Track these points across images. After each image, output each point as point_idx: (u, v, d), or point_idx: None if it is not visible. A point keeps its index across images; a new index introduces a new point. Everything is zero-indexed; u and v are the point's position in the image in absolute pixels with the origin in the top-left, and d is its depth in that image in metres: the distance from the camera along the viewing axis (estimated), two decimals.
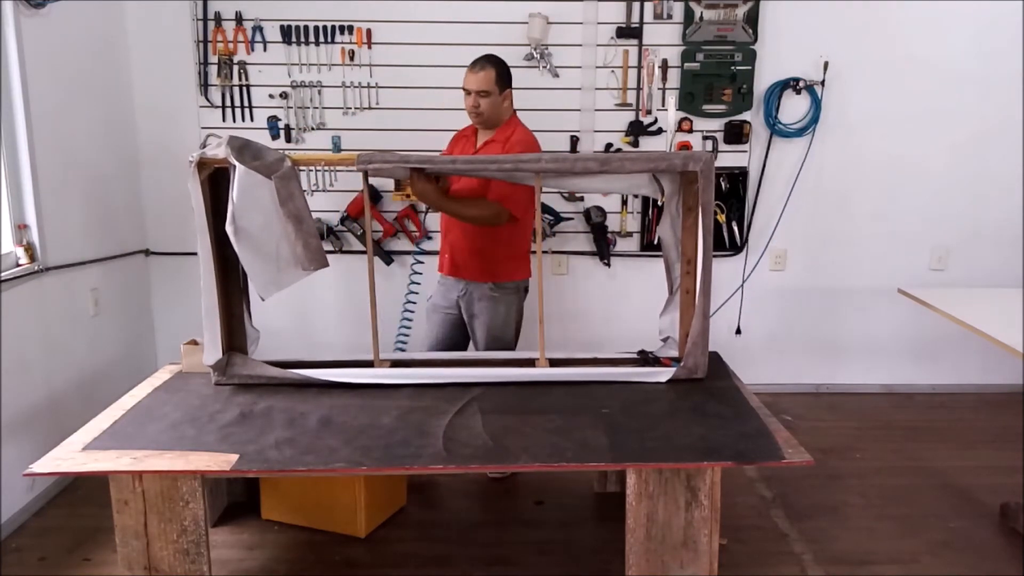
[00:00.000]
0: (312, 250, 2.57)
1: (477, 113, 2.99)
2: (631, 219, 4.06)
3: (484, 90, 2.94)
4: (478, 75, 2.93)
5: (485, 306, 3.09)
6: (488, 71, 2.94)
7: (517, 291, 3.15)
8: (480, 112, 2.98)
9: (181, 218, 3.60)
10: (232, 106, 3.88)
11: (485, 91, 2.94)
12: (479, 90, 2.94)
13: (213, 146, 2.50)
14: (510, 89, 3.04)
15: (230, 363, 2.68)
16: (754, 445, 2.24)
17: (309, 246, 2.56)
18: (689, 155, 2.57)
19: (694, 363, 2.69)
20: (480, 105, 2.96)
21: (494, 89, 2.95)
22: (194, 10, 3.78)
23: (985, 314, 2.85)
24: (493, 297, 3.08)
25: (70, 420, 2.61)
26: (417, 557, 2.72)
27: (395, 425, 2.36)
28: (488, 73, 2.93)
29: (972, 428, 3.83)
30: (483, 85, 2.93)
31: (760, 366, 4.10)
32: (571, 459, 2.17)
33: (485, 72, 2.93)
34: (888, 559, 2.71)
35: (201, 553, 2.21)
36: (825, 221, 4.11)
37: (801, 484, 3.19)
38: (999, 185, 4.05)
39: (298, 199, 2.54)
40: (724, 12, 3.81)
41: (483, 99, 2.95)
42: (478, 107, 2.96)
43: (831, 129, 3.98)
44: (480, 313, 3.10)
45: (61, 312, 3.22)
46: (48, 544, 2.80)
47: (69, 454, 2.20)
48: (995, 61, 3.92)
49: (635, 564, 2.24)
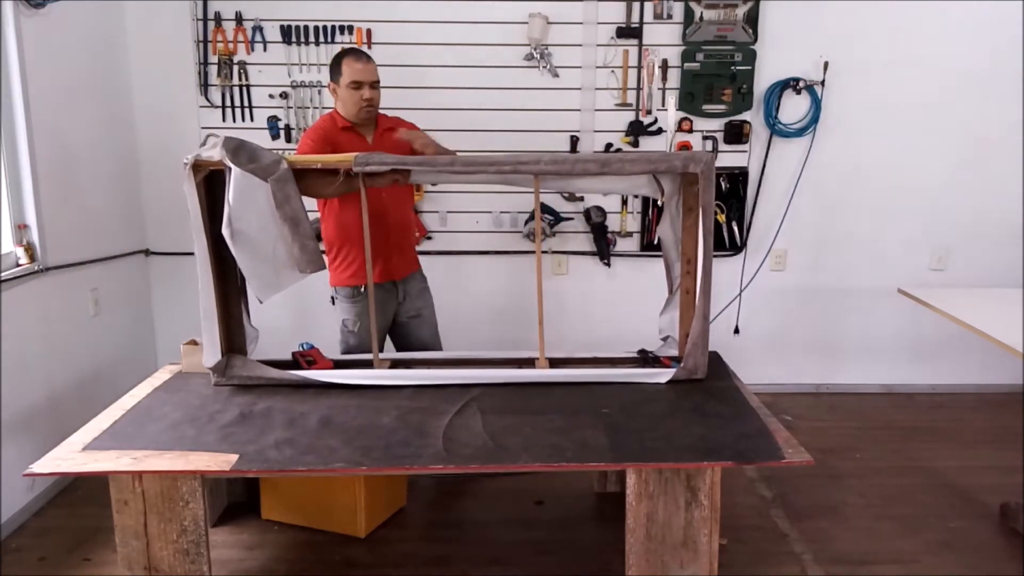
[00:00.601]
0: (309, 252, 2.56)
1: (372, 105, 2.88)
2: (631, 219, 4.06)
3: (377, 80, 2.87)
4: (370, 65, 2.85)
5: (426, 299, 3.11)
6: (373, 62, 2.85)
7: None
8: (374, 104, 2.89)
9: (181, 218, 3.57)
10: (232, 106, 3.88)
11: (377, 81, 2.87)
12: (374, 81, 2.86)
13: (208, 147, 2.49)
14: None
15: (229, 365, 2.68)
16: (754, 445, 2.24)
17: (306, 248, 2.56)
18: (689, 156, 2.57)
19: (694, 363, 2.69)
20: (374, 97, 2.87)
21: (378, 77, 2.89)
22: (194, 10, 3.78)
23: (985, 314, 2.85)
24: (424, 285, 3.11)
25: (70, 420, 2.61)
26: (417, 557, 2.72)
27: (395, 425, 2.36)
28: (375, 63, 2.86)
29: (972, 428, 3.83)
30: (377, 75, 2.86)
31: (760, 366, 4.10)
32: (571, 459, 2.17)
33: (373, 62, 2.85)
34: (888, 559, 2.71)
35: (201, 553, 2.21)
36: (825, 221, 4.11)
37: (801, 484, 3.19)
38: (999, 185, 4.05)
39: (294, 201, 2.54)
40: (724, 12, 3.82)
41: (375, 90, 2.87)
42: (372, 99, 2.86)
43: (831, 129, 3.98)
44: (425, 305, 3.09)
45: (61, 312, 3.22)
46: (48, 544, 2.80)
47: (69, 454, 2.20)
48: (995, 61, 3.92)
49: (635, 564, 2.24)
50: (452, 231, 4.04)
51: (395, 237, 3.02)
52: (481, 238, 4.05)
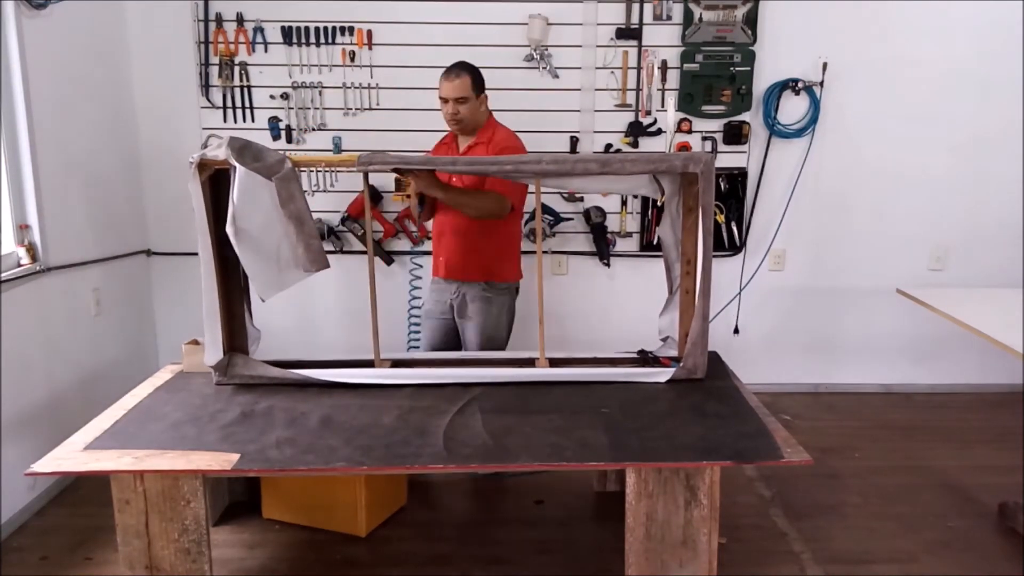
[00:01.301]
0: (313, 251, 2.57)
1: (457, 120, 3.00)
2: (631, 219, 4.07)
3: (462, 96, 2.96)
4: (455, 82, 2.95)
5: (478, 307, 3.10)
6: (464, 78, 2.95)
7: (510, 291, 3.17)
8: (460, 119, 2.99)
9: (182, 218, 3.61)
10: (233, 107, 3.89)
11: (463, 97, 2.96)
12: (458, 97, 2.96)
13: (213, 147, 2.50)
14: (485, 93, 3.05)
15: (231, 364, 2.69)
16: (753, 444, 2.25)
17: (310, 247, 2.56)
18: (689, 156, 2.58)
19: (693, 363, 2.69)
20: (459, 112, 2.98)
21: (471, 95, 2.97)
22: (195, 11, 3.79)
23: (984, 314, 2.86)
24: (486, 297, 3.09)
25: (71, 420, 2.62)
26: (417, 556, 2.73)
27: (395, 425, 2.37)
28: (464, 80, 2.95)
29: (971, 428, 3.84)
30: (461, 92, 2.95)
31: (759, 366, 4.11)
32: (571, 459, 2.17)
33: (461, 79, 2.95)
34: (887, 558, 2.71)
35: (202, 552, 2.21)
36: (824, 221, 4.12)
37: (800, 483, 3.20)
38: (998, 185, 4.06)
39: (299, 200, 2.55)
40: (723, 13, 3.82)
41: (462, 105, 2.97)
42: (457, 114, 2.98)
43: (830, 130, 3.99)
44: (474, 315, 3.11)
45: (62, 312, 3.23)
46: (49, 543, 2.81)
47: (70, 453, 2.21)
48: (994, 62, 3.93)
49: (634, 563, 2.25)
50: None
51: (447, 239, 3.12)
52: None
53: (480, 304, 3.10)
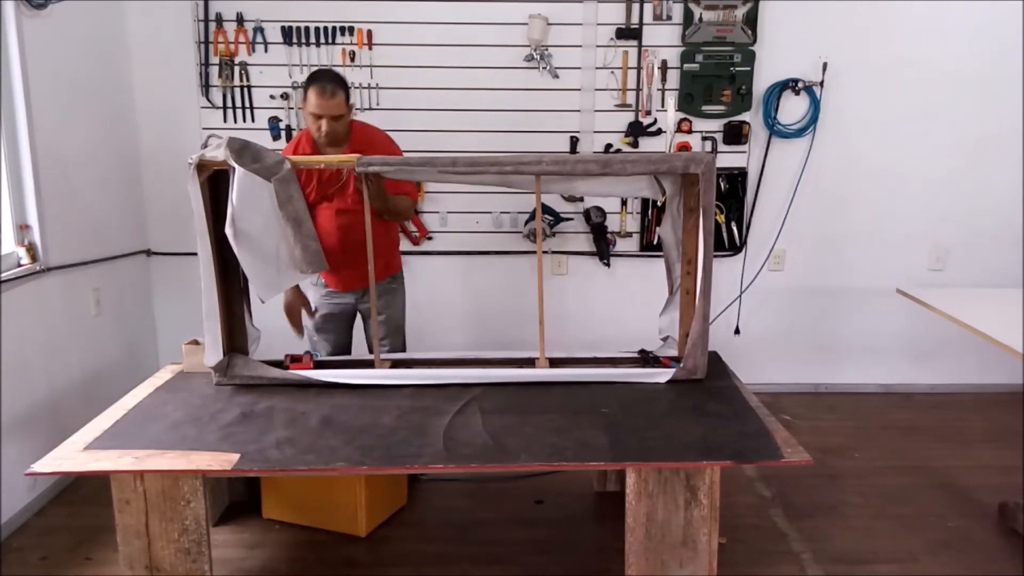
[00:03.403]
0: (311, 253, 2.57)
1: (332, 137, 2.80)
2: (631, 219, 4.07)
3: (338, 115, 2.76)
4: (331, 101, 2.72)
5: (387, 300, 3.16)
6: (339, 95, 2.75)
7: (403, 279, 3.27)
8: (336, 136, 2.80)
9: (182, 218, 3.61)
10: (233, 107, 3.89)
11: (340, 115, 2.77)
12: (335, 115, 2.75)
13: (212, 147, 2.50)
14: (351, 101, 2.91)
15: (231, 364, 2.69)
16: (753, 445, 2.25)
17: (308, 249, 2.57)
18: (690, 157, 2.58)
19: (694, 364, 2.69)
20: (336, 130, 2.78)
21: (345, 111, 2.79)
22: (195, 11, 3.79)
23: (984, 314, 2.85)
24: (392, 289, 3.18)
25: (71, 420, 2.62)
26: (417, 556, 2.73)
27: (395, 425, 2.37)
28: (339, 97, 2.75)
29: (971, 428, 3.84)
30: (338, 110, 2.75)
31: (759, 366, 4.11)
32: (571, 459, 2.18)
33: (337, 98, 2.74)
34: (887, 558, 2.71)
35: (202, 552, 2.21)
36: (824, 221, 4.12)
37: (800, 483, 3.20)
38: (998, 185, 4.06)
39: (297, 201, 2.55)
40: (723, 13, 3.82)
41: (337, 123, 2.77)
42: (332, 132, 2.78)
43: (830, 130, 3.99)
44: (384, 307, 3.14)
45: (62, 312, 3.23)
46: (49, 543, 2.81)
47: (70, 453, 2.21)
48: (994, 62, 3.92)
49: (635, 563, 2.25)
50: (452, 231, 4.05)
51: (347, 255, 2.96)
52: (481, 238, 4.06)
53: (388, 298, 3.16)
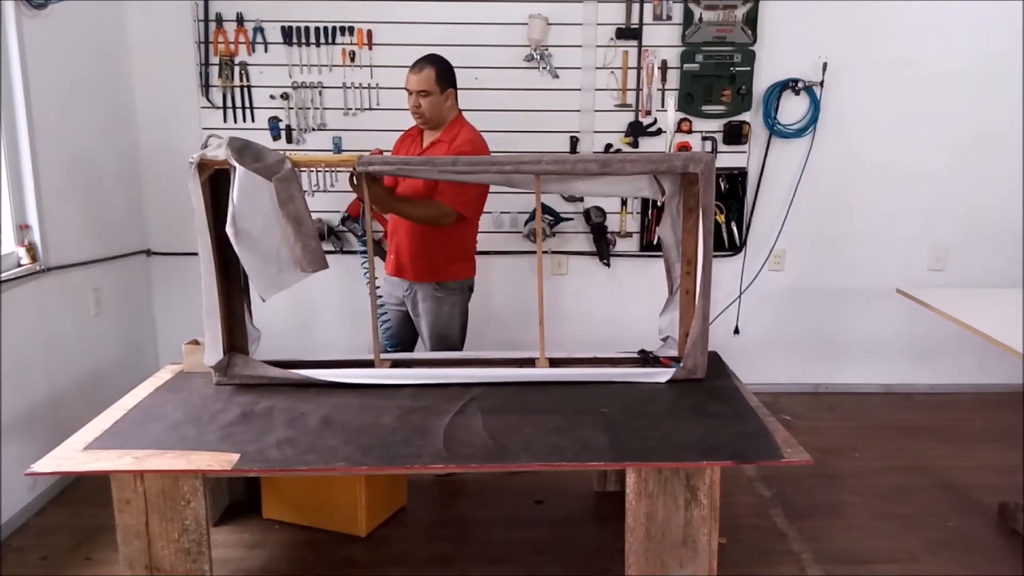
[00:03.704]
0: (311, 252, 2.57)
1: (419, 114, 2.97)
2: (631, 219, 4.07)
3: (424, 90, 2.92)
4: (418, 75, 2.91)
5: (429, 306, 3.10)
6: (428, 71, 2.91)
7: (461, 291, 3.16)
8: (421, 112, 2.96)
9: (182, 218, 3.61)
10: (233, 107, 3.89)
11: (425, 91, 2.92)
12: (419, 90, 2.92)
13: (213, 147, 2.50)
14: (453, 89, 3.01)
15: (231, 364, 2.69)
16: (753, 444, 2.25)
17: (308, 248, 2.56)
18: (690, 157, 2.58)
19: (694, 364, 2.69)
20: (421, 105, 2.94)
21: (434, 89, 2.92)
22: (195, 11, 3.78)
23: (984, 314, 2.85)
24: (437, 297, 3.09)
25: (71, 420, 2.62)
26: (417, 556, 2.73)
27: (395, 425, 2.37)
28: (428, 73, 2.91)
29: (971, 428, 3.84)
30: (423, 85, 2.91)
31: (759, 366, 4.11)
32: (571, 459, 2.18)
33: (425, 72, 2.91)
34: (887, 558, 2.71)
35: (202, 552, 2.21)
36: (824, 221, 4.12)
37: (800, 483, 3.20)
38: (998, 186, 4.06)
39: (298, 201, 2.55)
40: (723, 13, 3.82)
41: (424, 99, 2.93)
42: (419, 107, 2.95)
43: (830, 130, 3.99)
44: (424, 313, 3.12)
45: (62, 312, 3.23)
46: (49, 543, 2.81)
47: (70, 453, 2.21)
48: (994, 62, 3.92)
49: (634, 563, 2.25)
50: None
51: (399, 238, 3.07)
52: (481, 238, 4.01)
53: (431, 303, 3.10)
